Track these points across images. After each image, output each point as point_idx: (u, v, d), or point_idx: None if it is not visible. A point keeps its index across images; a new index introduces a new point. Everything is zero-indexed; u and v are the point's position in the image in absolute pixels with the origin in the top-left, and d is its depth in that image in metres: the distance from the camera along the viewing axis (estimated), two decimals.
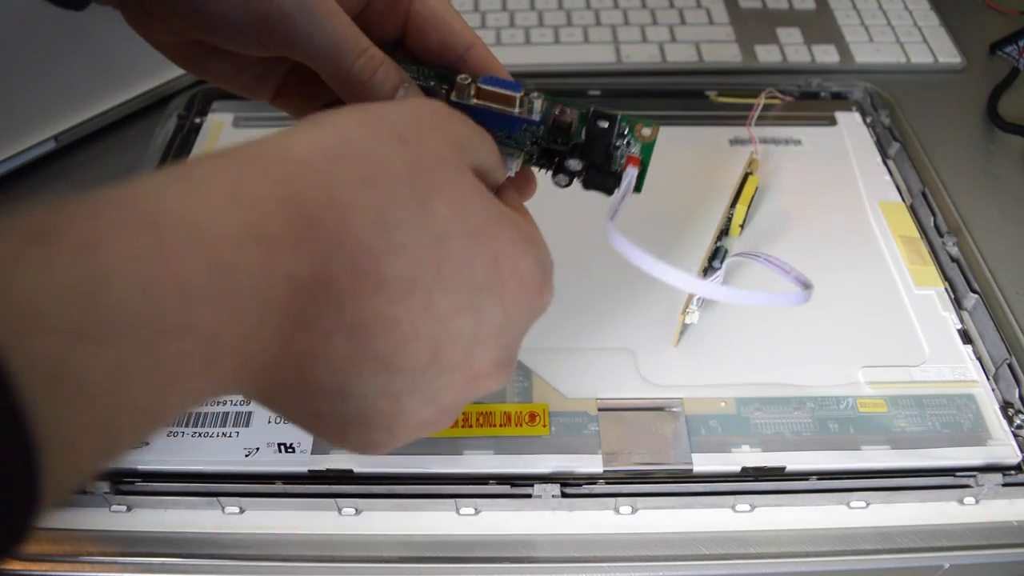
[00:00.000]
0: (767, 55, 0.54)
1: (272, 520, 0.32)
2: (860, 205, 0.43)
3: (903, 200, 0.44)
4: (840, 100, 0.51)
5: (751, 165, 0.43)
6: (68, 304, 0.13)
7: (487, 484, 0.32)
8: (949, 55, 0.54)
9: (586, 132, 0.27)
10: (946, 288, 0.39)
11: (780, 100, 0.49)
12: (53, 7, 0.26)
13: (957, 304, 0.39)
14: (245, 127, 0.48)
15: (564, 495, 0.31)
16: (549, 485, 0.31)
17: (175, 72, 0.50)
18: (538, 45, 0.55)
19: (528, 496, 0.32)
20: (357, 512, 0.32)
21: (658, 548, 0.31)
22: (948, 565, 0.31)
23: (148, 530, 0.32)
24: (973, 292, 0.39)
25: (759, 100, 0.48)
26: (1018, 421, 0.34)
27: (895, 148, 0.47)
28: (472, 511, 0.32)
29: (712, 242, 0.39)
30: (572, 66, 0.53)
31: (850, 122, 0.49)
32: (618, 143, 0.27)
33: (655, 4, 0.57)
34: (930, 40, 0.55)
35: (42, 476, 0.13)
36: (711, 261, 0.38)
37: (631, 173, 0.27)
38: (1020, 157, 0.47)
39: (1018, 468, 0.33)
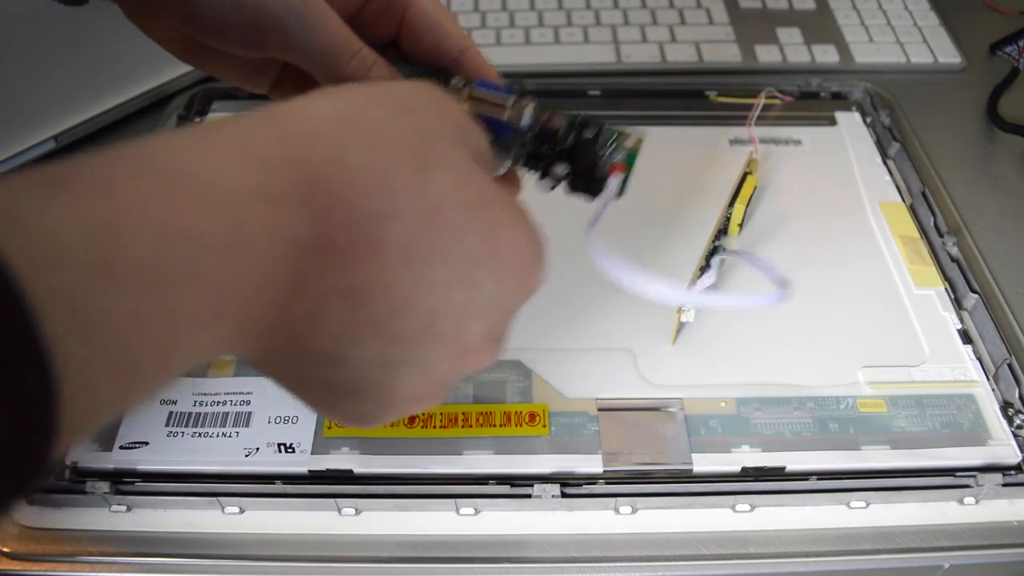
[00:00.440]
0: (767, 55, 0.54)
1: (272, 520, 0.32)
2: (860, 205, 0.43)
3: (903, 200, 0.44)
4: (840, 100, 0.51)
5: (750, 165, 0.43)
6: (89, 243, 0.14)
7: (487, 484, 0.32)
8: (949, 55, 0.54)
9: (573, 139, 0.28)
10: (946, 288, 0.39)
11: (780, 100, 0.49)
12: (54, 5, 0.26)
13: (957, 304, 0.39)
14: None
15: (564, 495, 0.32)
16: (549, 485, 0.31)
17: (175, 72, 0.50)
18: (538, 45, 0.54)
19: (528, 496, 0.32)
20: (357, 512, 0.32)
21: (658, 548, 0.31)
22: (948, 565, 0.31)
23: (148, 530, 0.32)
24: (973, 292, 0.38)
25: (759, 100, 0.48)
26: (1018, 421, 0.34)
27: (895, 148, 0.47)
28: (472, 511, 0.32)
29: (709, 241, 0.39)
30: (572, 66, 0.53)
31: (850, 122, 0.49)
32: (602, 152, 0.28)
33: (655, 4, 0.57)
34: (930, 40, 0.55)
35: (61, 411, 0.13)
36: (708, 260, 0.38)
37: (614, 180, 0.28)
38: (1020, 157, 0.47)
39: (1018, 468, 0.33)
